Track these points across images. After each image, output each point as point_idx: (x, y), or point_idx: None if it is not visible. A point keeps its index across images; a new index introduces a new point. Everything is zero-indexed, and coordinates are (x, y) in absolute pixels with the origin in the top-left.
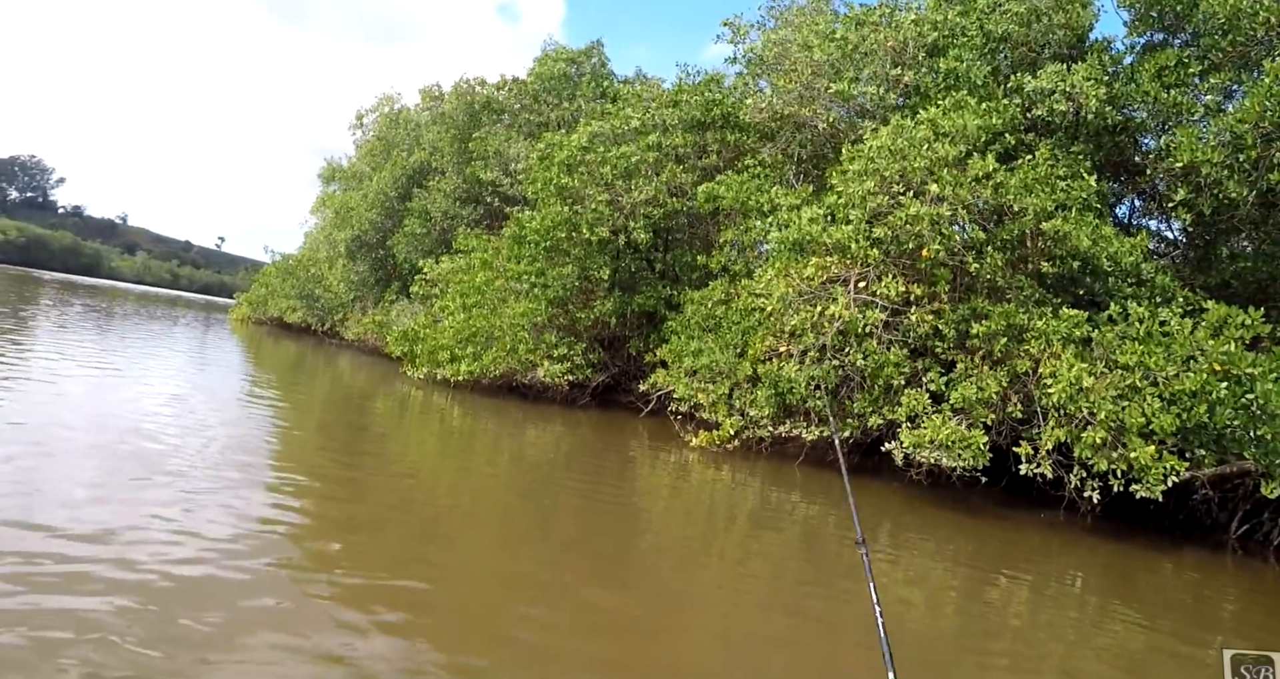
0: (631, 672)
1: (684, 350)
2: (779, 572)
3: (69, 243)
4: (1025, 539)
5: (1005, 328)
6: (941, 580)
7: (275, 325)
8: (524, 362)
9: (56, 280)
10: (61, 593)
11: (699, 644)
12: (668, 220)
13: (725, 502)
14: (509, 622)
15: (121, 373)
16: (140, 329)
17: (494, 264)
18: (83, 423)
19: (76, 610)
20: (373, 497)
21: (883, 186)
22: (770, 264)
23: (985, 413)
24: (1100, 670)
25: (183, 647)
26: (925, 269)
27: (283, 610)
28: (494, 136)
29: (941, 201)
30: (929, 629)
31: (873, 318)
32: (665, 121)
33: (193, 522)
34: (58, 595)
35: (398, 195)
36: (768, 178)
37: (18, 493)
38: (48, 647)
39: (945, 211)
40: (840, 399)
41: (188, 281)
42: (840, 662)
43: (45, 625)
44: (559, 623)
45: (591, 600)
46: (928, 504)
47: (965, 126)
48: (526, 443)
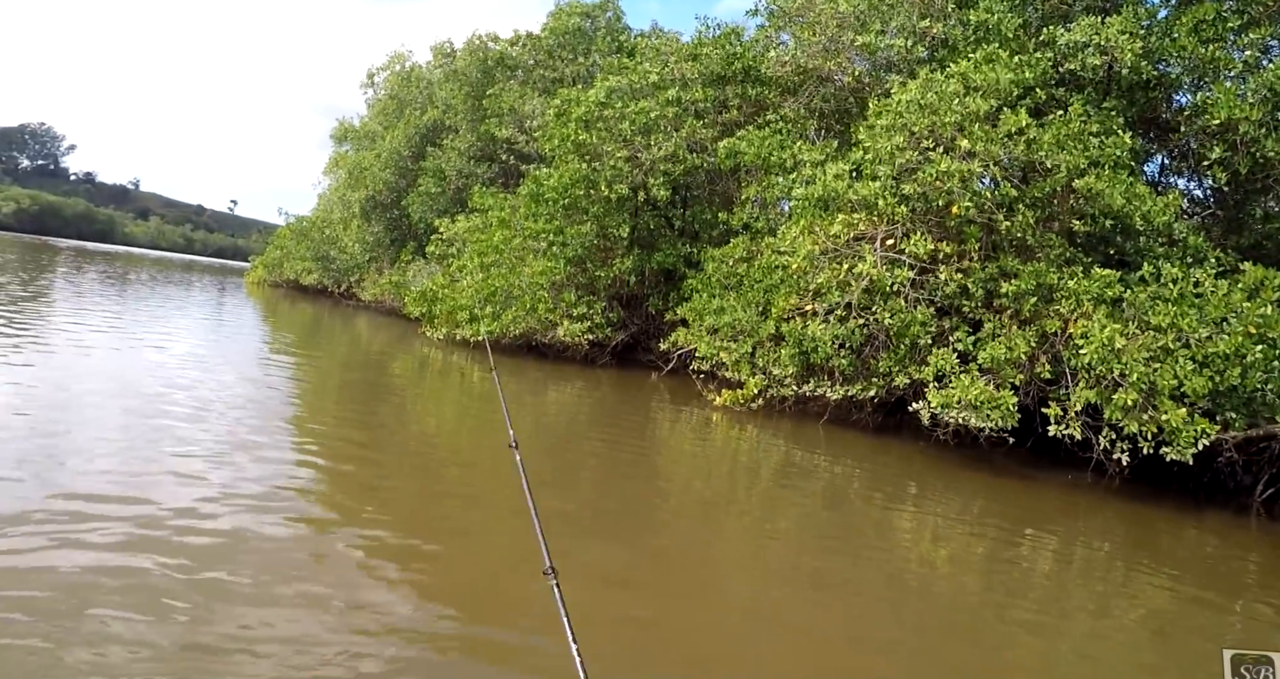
0: (655, 628)
1: (705, 309)
2: (803, 529)
3: (82, 210)
4: (1051, 500)
5: (1035, 287)
6: (966, 541)
7: (291, 288)
8: (543, 321)
9: (71, 247)
10: (93, 549)
11: (720, 602)
12: (687, 177)
13: (749, 460)
14: (529, 580)
15: (141, 337)
16: (157, 294)
17: (511, 223)
18: (105, 386)
19: (108, 566)
20: (393, 456)
21: (911, 142)
22: (794, 221)
23: (1013, 373)
24: (1126, 632)
25: (214, 599)
26: (954, 227)
27: (306, 567)
28: (508, 93)
29: (972, 157)
30: (953, 589)
31: (900, 276)
32: (684, 76)
33: (216, 480)
34: (89, 552)
35: (411, 154)
36: (789, 133)
37: (44, 455)
38: (84, 599)
39: (976, 168)
40: (864, 358)
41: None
42: (863, 621)
43: (80, 580)
44: (577, 582)
45: (614, 558)
46: (953, 464)
47: (998, 80)
48: (547, 402)
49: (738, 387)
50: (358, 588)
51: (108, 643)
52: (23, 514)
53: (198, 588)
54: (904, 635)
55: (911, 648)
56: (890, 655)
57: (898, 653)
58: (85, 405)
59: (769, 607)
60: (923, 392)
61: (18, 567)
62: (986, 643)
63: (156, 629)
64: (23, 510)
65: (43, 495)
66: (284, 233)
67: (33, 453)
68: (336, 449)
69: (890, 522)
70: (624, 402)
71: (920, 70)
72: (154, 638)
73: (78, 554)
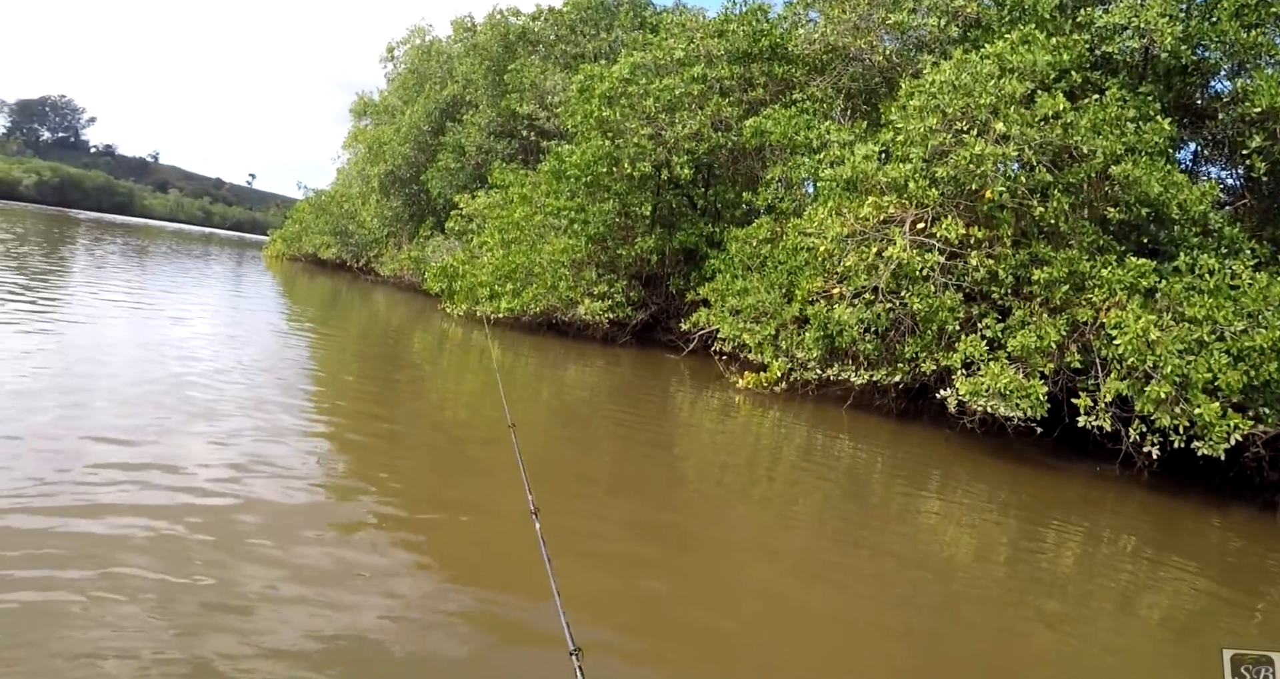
0: (669, 607)
1: (728, 289)
2: (824, 514)
3: (102, 182)
4: (1077, 491)
5: (1067, 275)
6: (989, 530)
7: (309, 262)
8: (564, 299)
9: (91, 219)
10: (120, 515)
11: (736, 584)
12: (710, 155)
13: (770, 443)
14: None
15: (161, 309)
16: (177, 266)
17: (533, 199)
18: (127, 357)
19: (132, 536)
20: (410, 429)
21: (944, 123)
22: (821, 202)
23: (1043, 362)
24: (1147, 628)
25: (237, 559)
26: (986, 211)
27: (324, 531)
28: (530, 68)
29: (1007, 141)
30: (975, 579)
31: (931, 260)
32: (710, 53)
33: (237, 449)
34: (115, 517)
35: (430, 129)
36: (815, 113)
37: (67, 424)
38: (109, 567)
39: (1011, 151)
40: (889, 343)
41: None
42: (882, 609)
43: (102, 551)
44: (596, 561)
45: (627, 537)
46: (979, 452)
47: (1034, 62)
48: (567, 380)
49: (760, 369)
50: (374, 554)
51: (129, 602)
52: (50, 479)
53: (220, 548)
54: (923, 624)
55: (930, 637)
56: (908, 644)
57: (916, 642)
58: (101, 373)
59: (785, 590)
60: (949, 378)
61: (50, 528)
62: (1006, 634)
63: (178, 588)
64: (50, 476)
65: (69, 461)
66: (303, 207)
67: (58, 422)
68: (354, 421)
69: (913, 509)
70: (644, 381)
71: (953, 50)
72: (175, 595)
73: (105, 516)
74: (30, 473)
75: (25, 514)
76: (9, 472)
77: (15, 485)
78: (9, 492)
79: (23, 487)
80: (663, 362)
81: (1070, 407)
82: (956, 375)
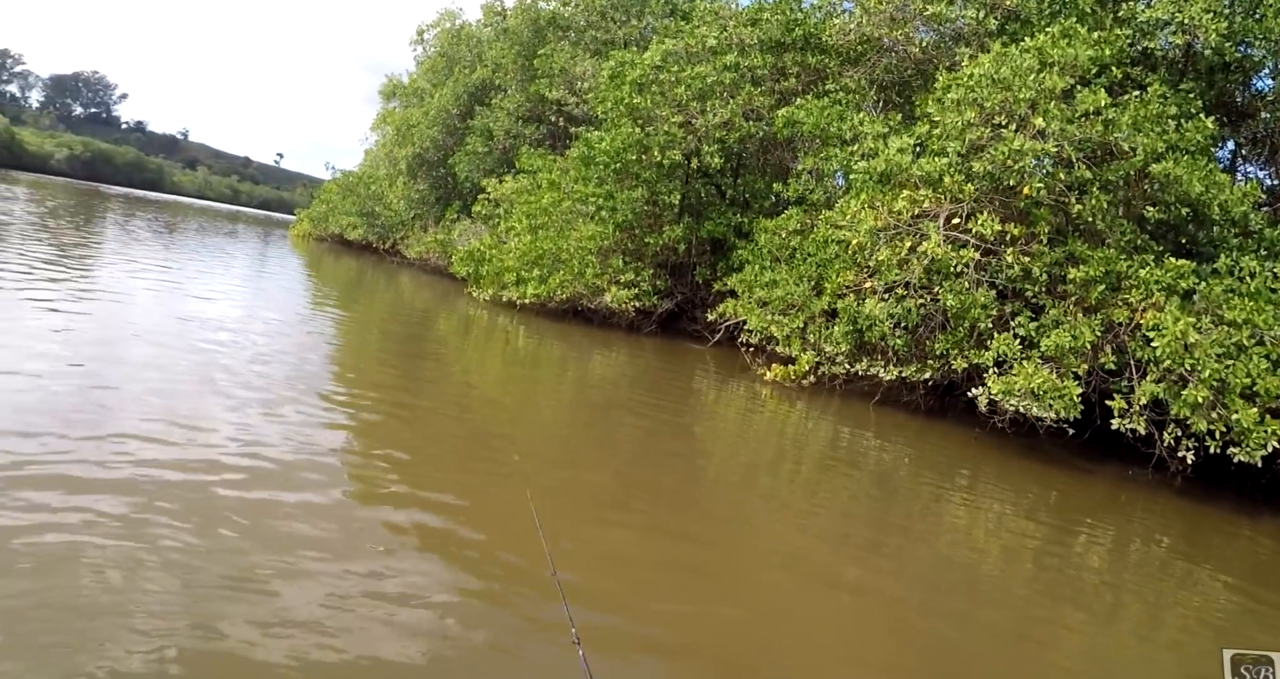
0: (688, 603)
1: (756, 281)
2: (848, 512)
3: (132, 158)
4: (1107, 494)
5: (1104, 274)
6: (1017, 531)
7: (335, 242)
8: (590, 286)
9: (122, 195)
10: (137, 487)
11: (756, 582)
12: (739, 145)
13: (795, 437)
14: (580, 550)
15: (189, 285)
16: (206, 243)
17: (561, 185)
18: (154, 332)
19: (157, 496)
20: (434, 411)
21: (983, 118)
22: (854, 195)
23: (1077, 362)
24: (1175, 636)
25: (261, 524)
26: (1022, 207)
27: (343, 517)
28: (559, 54)
29: (1046, 136)
30: (1000, 581)
31: (966, 257)
32: (743, 41)
33: (261, 425)
34: (133, 488)
35: (459, 113)
36: (848, 104)
37: (91, 399)
38: (141, 527)
39: (1050, 147)
40: (919, 339)
41: (247, 197)
42: (904, 610)
43: (137, 505)
44: (617, 554)
45: (643, 534)
46: (1008, 452)
47: (1076, 57)
48: (592, 367)
49: (788, 362)
50: (388, 532)
51: (148, 567)
52: (79, 450)
53: (245, 515)
54: (946, 628)
55: (952, 641)
56: (929, 648)
57: (937, 646)
58: (128, 349)
59: (806, 589)
60: (981, 376)
61: (79, 503)
62: (1030, 640)
63: (203, 554)
64: (77, 445)
65: (95, 430)
66: (330, 187)
67: (87, 396)
68: (376, 402)
69: (940, 508)
70: (670, 371)
71: (992, 43)
72: (200, 563)
73: (139, 484)
74: (58, 439)
75: (51, 480)
76: (38, 439)
77: (44, 451)
78: (38, 458)
79: (51, 452)
80: (688, 351)
81: (1103, 408)
82: (988, 374)
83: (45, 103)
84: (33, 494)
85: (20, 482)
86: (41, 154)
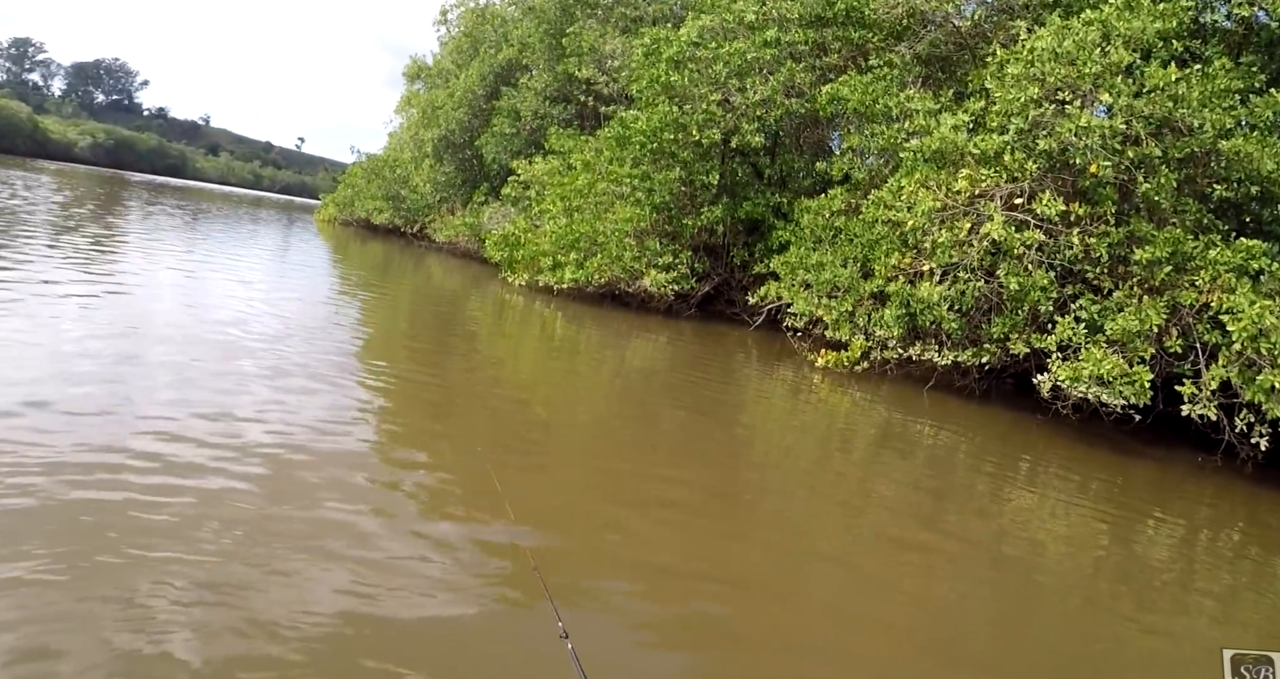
0: (736, 588)
1: (801, 263)
2: (903, 500)
3: (155, 144)
4: (1177, 483)
5: (1170, 255)
6: (1082, 522)
7: (361, 226)
8: (629, 269)
9: (145, 181)
10: (181, 472)
11: (807, 570)
12: (778, 123)
13: (848, 423)
14: (619, 539)
15: (216, 270)
16: (231, 229)
17: (595, 166)
18: (180, 318)
19: (194, 486)
20: (468, 398)
21: (1046, 93)
22: (905, 174)
23: (1144, 347)
24: (1250, 638)
25: (283, 505)
26: (1086, 186)
27: (373, 504)
28: (589, 32)
29: (1113, 113)
30: (1064, 576)
31: (1031, 238)
32: (783, 16)
33: (290, 409)
34: (185, 474)
35: (485, 94)
36: (893, 80)
37: (115, 387)
38: (177, 519)
39: (1119, 124)
40: (974, 322)
41: (269, 182)
42: (962, 605)
43: (164, 503)
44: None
45: (699, 511)
46: (1071, 439)
47: (1144, 30)
48: (633, 353)
49: (836, 347)
50: (420, 515)
51: (187, 541)
52: (112, 435)
53: (271, 497)
54: (1006, 625)
55: (1014, 640)
56: (989, 648)
57: (997, 645)
58: (154, 335)
59: (859, 581)
60: (1041, 361)
61: (106, 474)
62: (1096, 640)
63: (230, 530)
64: (111, 432)
65: (109, 423)
66: (355, 171)
67: (117, 380)
68: (409, 389)
69: (1000, 496)
70: (714, 357)
71: (1047, 15)
72: (226, 542)
73: (170, 466)
74: (88, 424)
75: (83, 464)
76: (71, 420)
77: (75, 436)
78: (69, 446)
79: (82, 434)
80: (729, 335)
81: (1167, 393)
82: (1052, 359)
83: (68, 91)
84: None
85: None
86: (65, 142)
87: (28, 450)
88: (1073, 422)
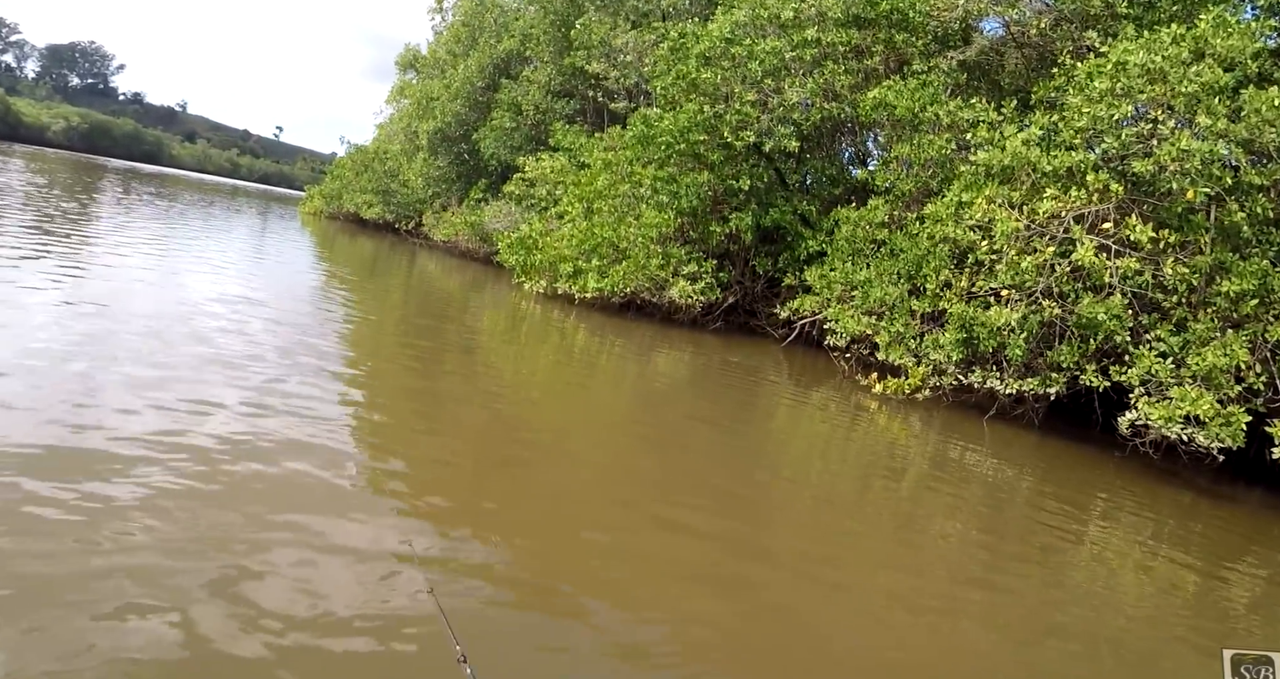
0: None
1: (844, 277)
2: (967, 539)
3: (130, 130)
4: (1259, 529)
5: (1258, 286)
6: (1157, 569)
7: (349, 220)
8: (654, 279)
9: (121, 168)
10: (138, 466)
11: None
12: (813, 127)
13: (904, 454)
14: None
15: (196, 263)
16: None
17: (615, 166)
18: (159, 312)
19: (156, 476)
20: (472, 411)
21: (1139, 112)
22: (968, 188)
23: (1229, 384)
24: None
25: (268, 508)
26: (1178, 212)
27: (357, 518)
28: (599, 25)
29: (1215, 136)
30: (1131, 620)
31: (1125, 266)
32: (824, 14)
33: (266, 409)
34: (134, 470)
35: (484, 86)
36: (941, 87)
37: (86, 384)
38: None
39: (1221, 150)
40: (1036, 350)
41: (247, 171)
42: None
43: (120, 496)
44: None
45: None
46: (1147, 478)
47: (1244, 49)
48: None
49: (882, 369)
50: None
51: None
52: (74, 432)
53: (253, 498)
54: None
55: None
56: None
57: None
58: (130, 330)
59: (912, 613)
60: (1120, 394)
61: (73, 479)
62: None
63: (212, 522)
64: (74, 427)
65: (93, 412)
66: (343, 163)
67: (88, 378)
68: (393, 388)
69: (1069, 536)
70: (749, 375)
71: (1123, 28)
72: (207, 532)
73: (126, 466)
74: (55, 420)
75: (50, 462)
76: (36, 415)
77: (40, 431)
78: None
79: (49, 432)
80: (762, 351)
81: (1262, 435)
82: (1135, 394)
83: (41, 73)
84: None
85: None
86: (38, 125)
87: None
88: (1150, 460)
